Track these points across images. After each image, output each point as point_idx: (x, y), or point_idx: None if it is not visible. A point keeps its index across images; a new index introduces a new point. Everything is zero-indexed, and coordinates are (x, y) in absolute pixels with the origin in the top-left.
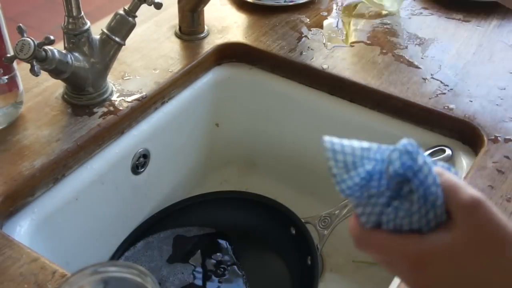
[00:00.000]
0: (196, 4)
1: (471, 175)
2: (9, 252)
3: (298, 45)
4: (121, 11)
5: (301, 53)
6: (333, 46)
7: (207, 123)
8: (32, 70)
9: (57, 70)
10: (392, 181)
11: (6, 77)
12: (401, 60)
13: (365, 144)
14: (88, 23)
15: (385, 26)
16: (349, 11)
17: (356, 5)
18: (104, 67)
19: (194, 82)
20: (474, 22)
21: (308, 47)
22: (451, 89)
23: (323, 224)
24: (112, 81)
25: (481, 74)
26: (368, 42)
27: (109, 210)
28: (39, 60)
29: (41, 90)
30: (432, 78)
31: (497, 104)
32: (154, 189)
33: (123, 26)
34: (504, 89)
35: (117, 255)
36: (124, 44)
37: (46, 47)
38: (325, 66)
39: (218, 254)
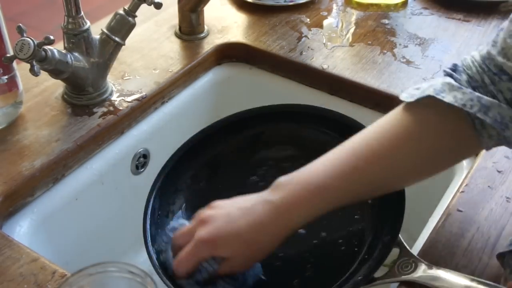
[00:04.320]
0: (196, 4)
1: (471, 175)
2: (9, 252)
3: (298, 45)
4: (121, 11)
5: (301, 53)
6: (333, 46)
7: (207, 123)
8: (32, 70)
9: (57, 70)
10: None
11: (6, 77)
12: (401, 60)
13: None
14: (88, 23)
15: (385, 26)
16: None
17: None
18: (104, 67)
19: (194, 82)
20: (474, 22)
21: (308, 47)
22: None
23: None
24: (112, 81)
25: None
26: (368, 42)
27: (109, 210)
28: (39, 60)
29: (41, 90)
30: (432, 78)
31: None
32: None
33: (123, 26)
34: None
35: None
36: (124, 44)
37: (46, 47)
38: (325, 66)
39: None
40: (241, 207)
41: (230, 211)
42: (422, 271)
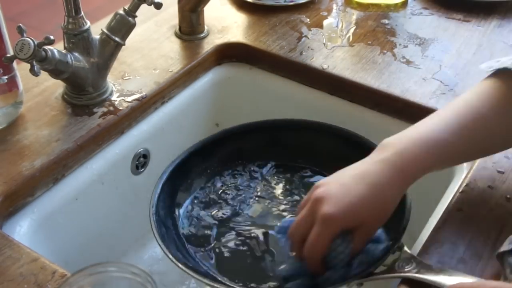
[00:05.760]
0: (196, 4)
1: (471, 175)
2: (9, 252)
3: (298, 45)
4: (121, 11)
5: (301, 53)
6: (333, 46)
7: (207, 123)
8: (32, 70)
9: (57, 70)
10: None
11: (6, 77)
12: (401, 60)
13: None
14: (88, 23)
15: (385, 26)
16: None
17: None
18: (104, 67)
19: (194, 82)
20: (474, 22)
21: (308, 47)
22: (451, 89)
23: None
24: (112, 81)
25: (482, 74)
26: (368, 42)
27: (109, 210)
28: (39, 60)
29: (41, 90)
30: (432, 78)
31: None
32: None
33: (123, 26)
34: None
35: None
36: (124, 44)
37: (46, 47)
38: (325, 66)
39: None
40: (352, 175)
41: (342, 182)
42: (421, 268)
